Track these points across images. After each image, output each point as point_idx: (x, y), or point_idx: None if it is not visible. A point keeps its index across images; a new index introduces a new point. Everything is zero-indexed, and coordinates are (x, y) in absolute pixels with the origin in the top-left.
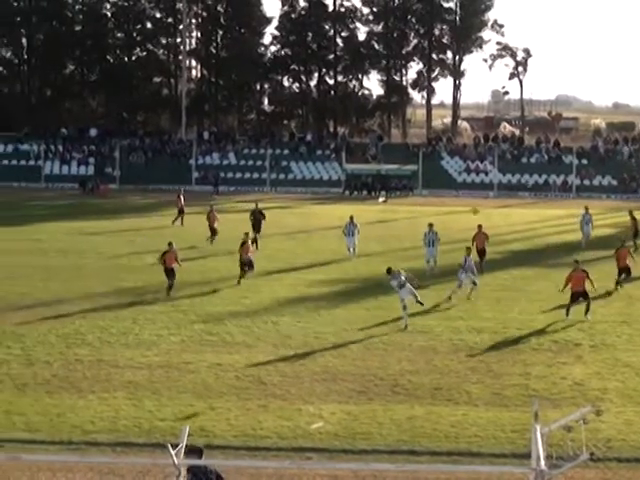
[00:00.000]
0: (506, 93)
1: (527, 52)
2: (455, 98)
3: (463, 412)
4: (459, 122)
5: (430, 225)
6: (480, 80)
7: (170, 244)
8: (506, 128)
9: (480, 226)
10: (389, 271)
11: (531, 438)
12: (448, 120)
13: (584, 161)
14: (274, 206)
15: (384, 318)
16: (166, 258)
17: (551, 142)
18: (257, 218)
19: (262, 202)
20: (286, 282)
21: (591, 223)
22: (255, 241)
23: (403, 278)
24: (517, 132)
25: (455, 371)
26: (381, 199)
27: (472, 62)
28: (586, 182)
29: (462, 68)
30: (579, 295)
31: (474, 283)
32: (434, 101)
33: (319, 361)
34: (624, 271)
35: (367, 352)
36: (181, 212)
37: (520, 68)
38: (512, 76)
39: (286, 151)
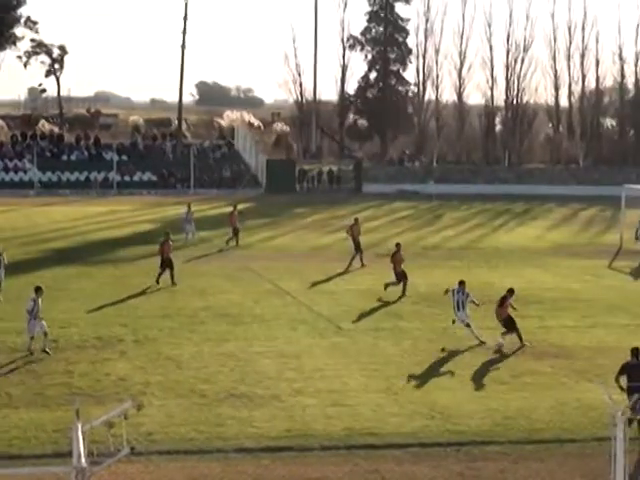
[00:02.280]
0: (43, 91)
1: (63, 49)
2: None
3: (3, 415)
4: None
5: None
6: (16, 77)
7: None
8: (44, 126)
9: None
10: (38, 289)
11: (72, 436)
12: None
13: (124, 157)
14: None
15: None
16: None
17: (91, 139)
18: None
19: None
20: None
21: (193, 220)
22: None
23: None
24: (56, 129)
25: None
26: None
27: (7, 59)
28: (127, 178)
29: None
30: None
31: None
32: None
33: None
34: (401, 276)
35: None
36: None
37: (57, 65)
38: (49, 73)
39: None
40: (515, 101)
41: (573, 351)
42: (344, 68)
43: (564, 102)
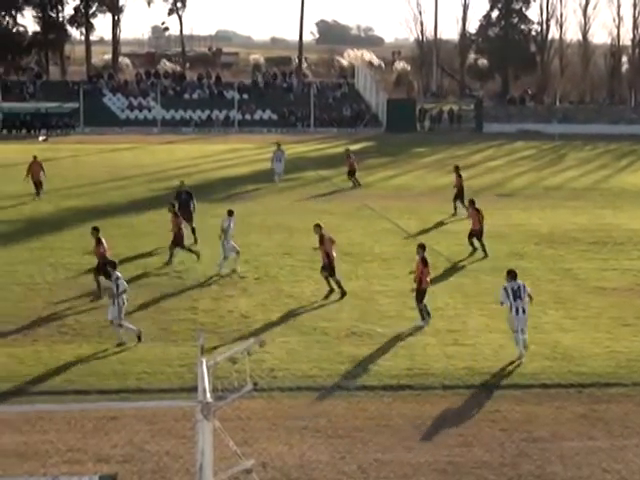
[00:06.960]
0: (166, 29)
1: None
2: (115, 34)
3: (132, 348)
4: (120, 58)
5: None
6: (140, 16)
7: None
8: (167, 64)
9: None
10: (231, 212)
11: (198, 372)
12: (108, 56)
13: (245, 96)
14: None
15: (48, 258)
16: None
17: (212, 78)
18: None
19: None
20: None
21: (283, 160)
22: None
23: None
24: (178, 68)
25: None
26: (41, 137)
27: None
28: (247, 117)
29: (120, 4)
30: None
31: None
32: (93, 37)
33: None
34: None
35: (31, 293)
36: None
37: (179, 4)
38: (171, 12)
39: None
40: None
41: None
42: (465, 6)
43: None
